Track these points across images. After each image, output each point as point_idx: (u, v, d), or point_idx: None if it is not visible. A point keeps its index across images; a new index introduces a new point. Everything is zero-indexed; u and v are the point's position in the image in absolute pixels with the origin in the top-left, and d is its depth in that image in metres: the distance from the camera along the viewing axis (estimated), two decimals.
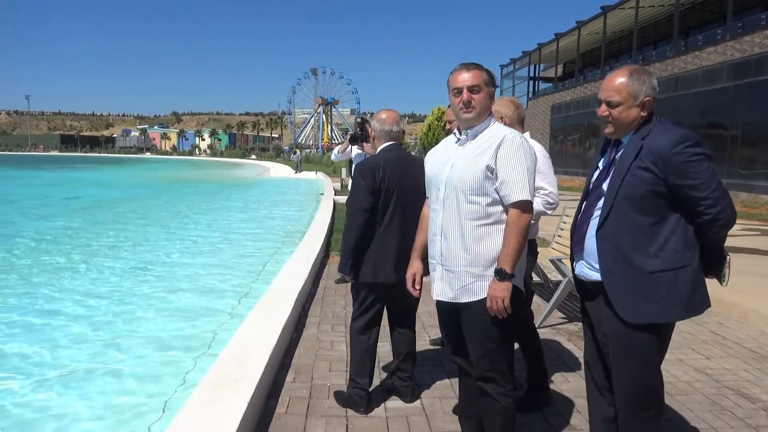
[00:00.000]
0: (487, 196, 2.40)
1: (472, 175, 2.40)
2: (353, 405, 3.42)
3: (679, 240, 2.23)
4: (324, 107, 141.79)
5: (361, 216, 3.30)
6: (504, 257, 2.36)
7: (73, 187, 27.65)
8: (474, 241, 2.43)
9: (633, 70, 2.30)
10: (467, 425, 2.80)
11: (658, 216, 2.22)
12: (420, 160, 3.56)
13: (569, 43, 37.68)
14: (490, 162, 2.38)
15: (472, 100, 2.43)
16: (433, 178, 2.61)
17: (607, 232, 2.29)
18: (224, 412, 2.85)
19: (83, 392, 4.23)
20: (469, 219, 2.43)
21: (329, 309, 5.62)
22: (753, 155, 19.73)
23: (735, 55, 21.01)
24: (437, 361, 4.26)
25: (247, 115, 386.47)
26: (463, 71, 2.47)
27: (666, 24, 30.13)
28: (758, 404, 3.56)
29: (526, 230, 2.38)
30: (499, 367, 2.50)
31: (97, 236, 11.88)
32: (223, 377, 3.33)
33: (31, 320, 5.95)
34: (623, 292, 2.27)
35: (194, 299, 6.81)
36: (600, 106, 2.34)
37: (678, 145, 2.16)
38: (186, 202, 20.50)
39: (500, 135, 2.43)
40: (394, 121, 3.51)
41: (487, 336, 2.46)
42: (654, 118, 2.30)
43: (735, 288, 5.98)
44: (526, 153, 2.40)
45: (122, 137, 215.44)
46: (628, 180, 2.23)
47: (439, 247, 2.54)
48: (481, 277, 2.43)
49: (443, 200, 2.51)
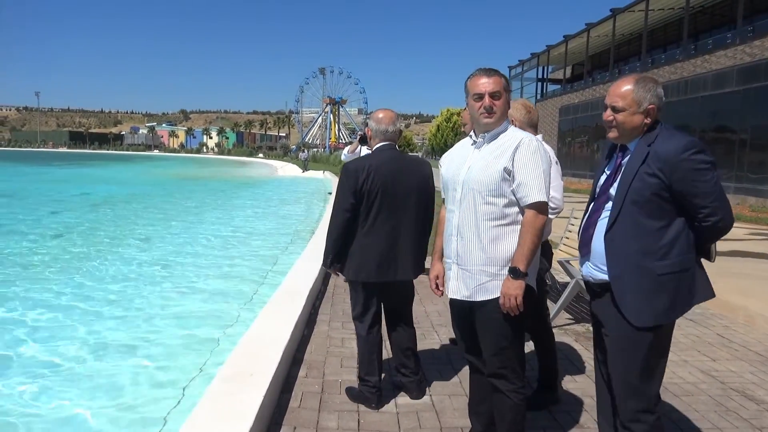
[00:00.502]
0: (503, 198, 2.48)
1: (489, 176, 2.48)
2: (365, 401, 3.50)
3: (685, 243, 2.29)
4: (332, 107, 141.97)
5: (342, 216, 3.36)
6: (519, 256, 2.44)
7: (84, 184, 27.89)
8: (490, 241, 2.50)
9: (640, 78, 2.36)
10: (477, 421, 2.88)
11: (665, 220, 2.28)
12: (418, 162, 3.62)
13: (578, 45, 37.65)
14: (508, 164, 2.46)
15: (493, 105, 2.50)
16: (450, 180, 2.68)
17: (616, 236, 2.34)
18: (242, 405, 2.94)
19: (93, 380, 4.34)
20: (486, 219, 2.50)
21: (339, 307, 5.70)
22: (762, 159, 19.66)
23: (745, 59, 20.95)
24: (446, 359, 4.33)
25: (255, 114, 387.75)
26: (483, 77, 2.53)
27: (675, 27, 30.04)
28: (763, 406, 3.62)
29: (541, 231, 2.47)
30: (511, 364, 2.57)
31: (114, 231, 12.03)
32: (239, 371, 3.42)
33: (45, 312, 6.08)
34: (631, 295, 2.31)
35: (204, 297, 6.91)
36: (606, 110, 2.40)
37: (685, 152, 2.21)
38: (196, 199, 20.66)
39: (517, 138, 2.51)
40: (390, 121, 3.50)
41: (500, 334, 2.54)
42: (659, 125, 2.35)
43: (742, 292, 6.03)
44: (542, 156, 2.48)
45: (131, 134, 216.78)
46: (635, 185, 2.28)
47: (455, 247, 2.62)
48: (496, 276, 2.50)
49: (460, 201, 2.58)
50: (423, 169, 3.55)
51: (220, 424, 2.76)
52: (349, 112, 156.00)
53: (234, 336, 5.35)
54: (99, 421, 3.79)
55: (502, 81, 2.55)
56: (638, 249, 2.29)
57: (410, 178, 3.45)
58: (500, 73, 2.57)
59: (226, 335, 5.40)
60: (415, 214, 3.46)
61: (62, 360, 4.82)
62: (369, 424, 3.28)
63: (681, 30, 27.27)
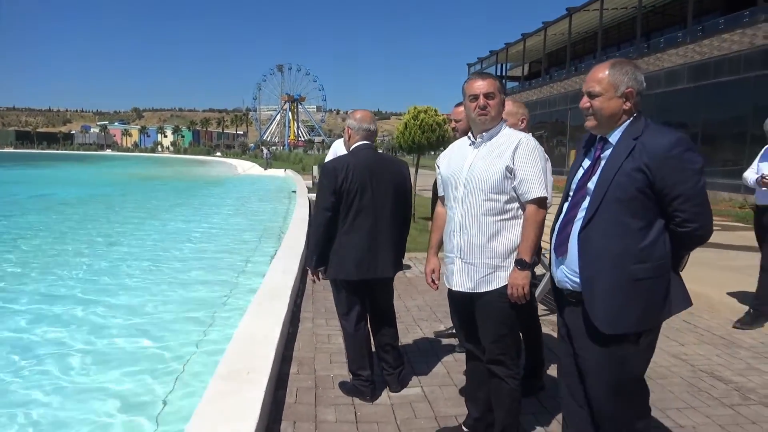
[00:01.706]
0: (504, 194, 2.65)
1: (492, 175, 2.64)
2: (359, 394, 3.58)
3: (663, 246, 2.16)
4: (290, 104, 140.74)
5: (322, 215, 3.45)
6: (524, 249, 2.61)
7: (38, 186, 26.96)
8: (492, 236, 2.67)
9: (616, 61, 2.24)
10: (474, 407, 3.01)
11: (647, 220, 2.14)
12: (396, 161, 3.74)
13: (536, 43, 38.43)
14: (509, 163, 2.63)
15: (487, 105, 2.68)
16: (450, 178, 2.82)
17: (592, 235, 2.19)
18: (244, 403, 2.99)
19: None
20: (488, 215, 2.66)
21: (320, 304, 5.77)
22: (711, 153, 20.54)
23: (695, 58, 21.83)
24: (432, 352, 4.45)
25: (211, 112, 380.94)
26: (478, 80, 2.72)
27: (629, 26, 30.98)
28: (731, 385, 3.87)
29: (542, 224, 2.64)
30: (510, 351, 2.74)
31: (82, 233, 11.74)
32: (235, 369, 3.46)
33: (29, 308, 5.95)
34: (603, 299, 2.17)
35: (182, 294, 6.87)
36: (582, 98, 2.29)
37: (675, 148, 2.09)
38: (159, 200, 20.27)
39: (516, 138, 2.68)
40: (370, 120, 3.66)
41: (500, 322, 2.70)
42: (642, 118, 2.22)
43: (703, 281, 6.35)
44: (539, 154, 2.68)
45: (81, 134, 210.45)
46: (619, 180, 2.13)
47: (457, 242, 2.75)
48: (498, 268, 2.67)
49: (462, 199, 2.73)
50: (400, 168, 3.67)
51: (226, 424, 2.80)
52: (308, 110, 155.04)
53: (215, 333, 5.38)
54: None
55: (496, 83, 2.73)
56: (618, 250, 2.14)
57: (388, 177, 3.56)
58: (494, 76, 2.76)
59: (208, 333, 5.40)
60: (393, 213, 3.56)
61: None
62: (366, 415, 3.37)
63: (634, 29, 28.18)
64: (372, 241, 3.48)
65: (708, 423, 3.32)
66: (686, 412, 3.45)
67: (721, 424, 3.29)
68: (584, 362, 2.30)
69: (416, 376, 3.95)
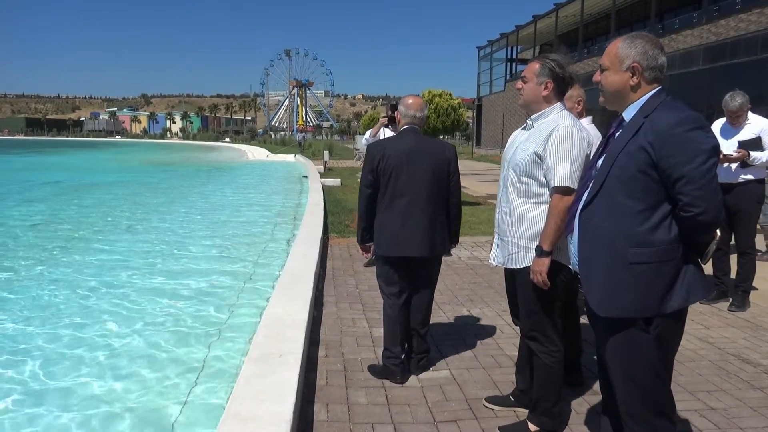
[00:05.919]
0: (533, 179, 2.72)
1: (523, 159, 2.74)
2: (390, 375, 3.62)
3: (669, 231, 2.03)
4: (298, 89, 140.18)
5: (363, 191, 3.68)
6: (543, 236, 2.65)
7: (50, 172, 27.12)
8: (520, 217, 2.78)
9: (631, 35, 2.14)
10: (521, 379, 3.19)
11: (649, 202, 2.02)
12: (440, 145, 3.78)
13: (547, 25, 38.02)
14: (539, 149, 2.68)
15: (522, 87, 2.79)
16: (503, 158, 2.97)
17: (592, 214, 2.14)
18: (279, 383, 3.03)
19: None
20: (518, 196, 2.79)
21: (342, 288, 5.80)
22: None
23: (711, 39, 21.52)
24: (458, 335, 4.48)
25: (219, 97, 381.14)
26: (530, 63, 2.84)
27: (643, 6, 30.53)
28: (760, 368, 3.87)
29: (563, 213, 2.56)
30: (541, 328, 2.83)
31: (100, 218, 11.83)
32: (267, 353, 3.50)
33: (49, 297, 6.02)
34: (598, 280, 2.12)
35: (199, 280, 6.92)
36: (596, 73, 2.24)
37: (678, 126, 1.96)
38: (171, 185, 20.36)
39: (554, 124, 2.70)
40: (418, 107, 3.72)
41: (529, 300, 2.80)
42: (663, 94, 2.09)
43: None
44: (573, 142, 2.64)
45: (91, 120, 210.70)
46: (621, 159, 2.05)
47: (497, 218, 2.95)
48: (524, 249, 2.78)
49: (504, 178, 2.89)
50: (442, 151, 3.68)
51: (262, 404, 2.84)
52: (315, 95, 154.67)
53: (238, 317, 5.43)
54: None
55: (536, 66, 2.78)
56: (614, 231, 2.07)
57: (426, 160, 3.59)
58: (545, 60, 2.77)
59: (232, 316, 5.45)
60: (430, 194, 3.59)
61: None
62: (396, 398, 3.41)
63: (648, 9, 27.81)
64: (405, 220, 3.55)
65: (739, 405, 3.32)
66: (716, 394, 3.46)
67: (752, 407, 3.30)
68: (598, 349, 2.32)
69: (444, 359, 3.97)
